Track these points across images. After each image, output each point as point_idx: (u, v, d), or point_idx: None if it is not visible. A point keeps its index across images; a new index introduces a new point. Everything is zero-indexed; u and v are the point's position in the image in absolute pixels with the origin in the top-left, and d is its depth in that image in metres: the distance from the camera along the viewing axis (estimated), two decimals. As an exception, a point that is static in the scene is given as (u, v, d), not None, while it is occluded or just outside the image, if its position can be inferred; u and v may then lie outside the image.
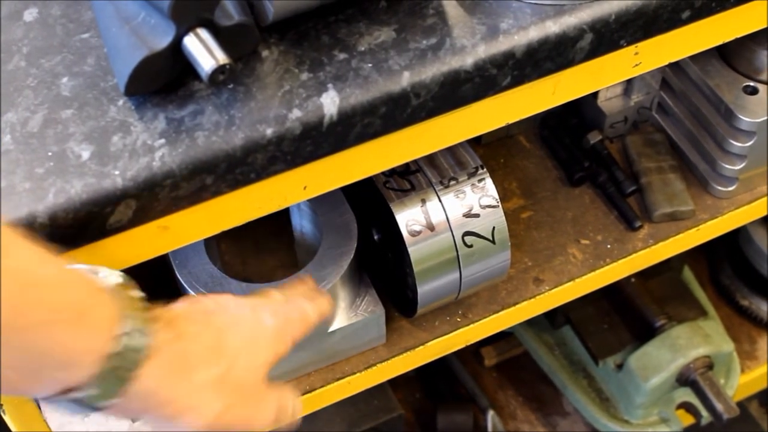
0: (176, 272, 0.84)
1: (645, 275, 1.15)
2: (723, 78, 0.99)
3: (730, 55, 0.99)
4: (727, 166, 0.99)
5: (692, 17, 0.74)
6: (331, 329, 0.86)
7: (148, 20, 0.62)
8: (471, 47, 0.67)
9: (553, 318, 1.21)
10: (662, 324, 1.17)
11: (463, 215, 0.84)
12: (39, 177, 0.62)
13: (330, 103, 0.64)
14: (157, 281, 0.99)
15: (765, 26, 0.81)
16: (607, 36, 0.71)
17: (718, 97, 0.97)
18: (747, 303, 1.34)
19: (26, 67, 0.67)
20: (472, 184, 0.85)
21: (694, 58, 0.97)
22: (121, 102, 0.64)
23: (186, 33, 0.61)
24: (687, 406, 1.19)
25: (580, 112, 1.07)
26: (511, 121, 0.73)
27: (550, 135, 1.05)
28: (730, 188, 1.00)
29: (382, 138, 0.68)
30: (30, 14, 0.71)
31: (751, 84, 0.98)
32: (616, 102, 1.05)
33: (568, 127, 1.05)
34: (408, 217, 0.83)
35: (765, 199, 1.02)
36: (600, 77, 0.75)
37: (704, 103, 0.99)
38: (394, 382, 1.03)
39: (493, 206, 0.85)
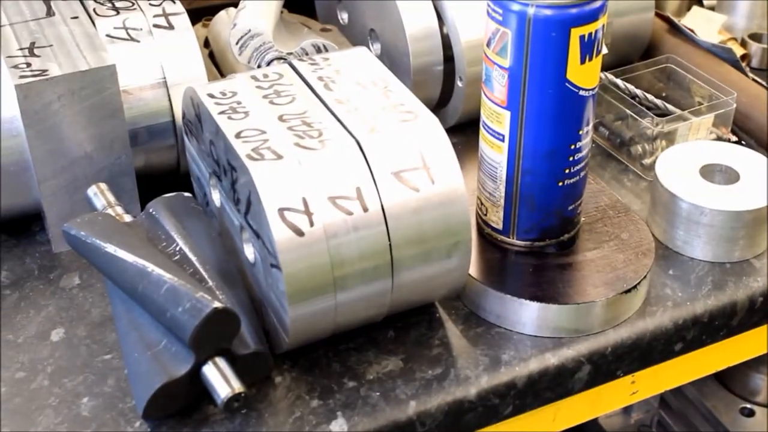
0: None
1: None
2: (720, 399, 1.02)
3: (727, 376, 1.03)
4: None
5: (684, 349, 0.78)
6: None
7: (169, 347, 0.66)
8: (474, 378, 0.70)
9: None
10: None
11: None
12: (52, 498, 0.63)
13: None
14: None
15: (758, 354, 0.85)
16: (604, 367, 0.74)
17: (716, 418, 1.00)
18: None
19: (49, 386, 0.70)
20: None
21: (690, 381, 1.00)
22: (137, 424, 0.67)
23: (204, 362, 0.65)
24: None
25: (582, 426, 1.09)
26: (513, 451, 0.75)
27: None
28: None
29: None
30: (57, 334, 0.75)
31: (748, 406, 1.01)
32: (616, 419, 1.07)
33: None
34: None
35: None
36: (598, 405, 0.78)
37: (703, 424, 1.02)
38: None
39: None
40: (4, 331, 0.75)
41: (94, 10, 0.85)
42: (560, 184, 0.76)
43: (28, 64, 0.77)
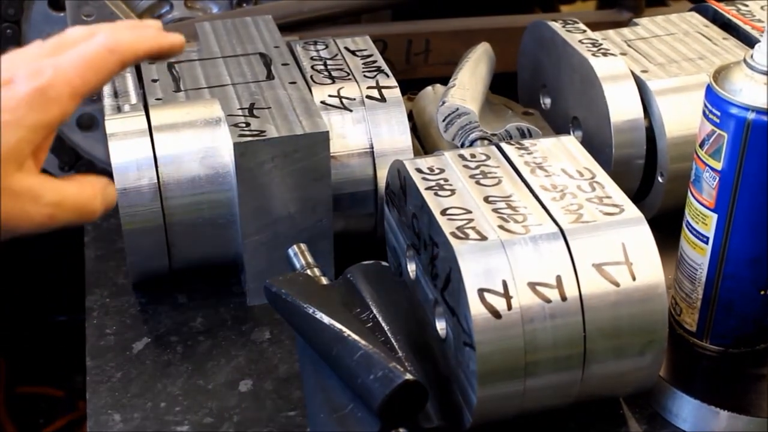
0: None
1: None
2: None
3: None
4: None
5: None
6: None
7: (355, 412, 0.67)
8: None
9: None
10: None
11: None
12: None
13: None
14: None
15: None
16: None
17: None
18: None
19: (234, 435, 0.73)
20: None
21: None
22: (316, 484, 0.68)
23: (389, 430, 0.66)
24: None
25: None
26: None
27: None
28: None
29: None
30: (245, 385, 0.77)
31: None
32: None
33: None
34: None
35: None
36: None
37: None
38: None
39: None
40: (195, 376, 0.78)
41: (311, 77, 0.88)
42: (762, 292, 0.74)
43: (247, 124, 0.80)
